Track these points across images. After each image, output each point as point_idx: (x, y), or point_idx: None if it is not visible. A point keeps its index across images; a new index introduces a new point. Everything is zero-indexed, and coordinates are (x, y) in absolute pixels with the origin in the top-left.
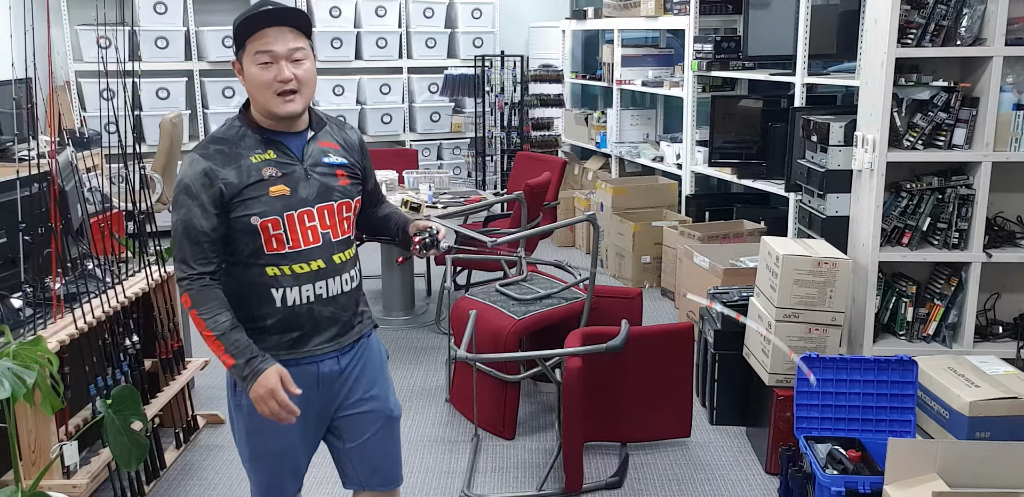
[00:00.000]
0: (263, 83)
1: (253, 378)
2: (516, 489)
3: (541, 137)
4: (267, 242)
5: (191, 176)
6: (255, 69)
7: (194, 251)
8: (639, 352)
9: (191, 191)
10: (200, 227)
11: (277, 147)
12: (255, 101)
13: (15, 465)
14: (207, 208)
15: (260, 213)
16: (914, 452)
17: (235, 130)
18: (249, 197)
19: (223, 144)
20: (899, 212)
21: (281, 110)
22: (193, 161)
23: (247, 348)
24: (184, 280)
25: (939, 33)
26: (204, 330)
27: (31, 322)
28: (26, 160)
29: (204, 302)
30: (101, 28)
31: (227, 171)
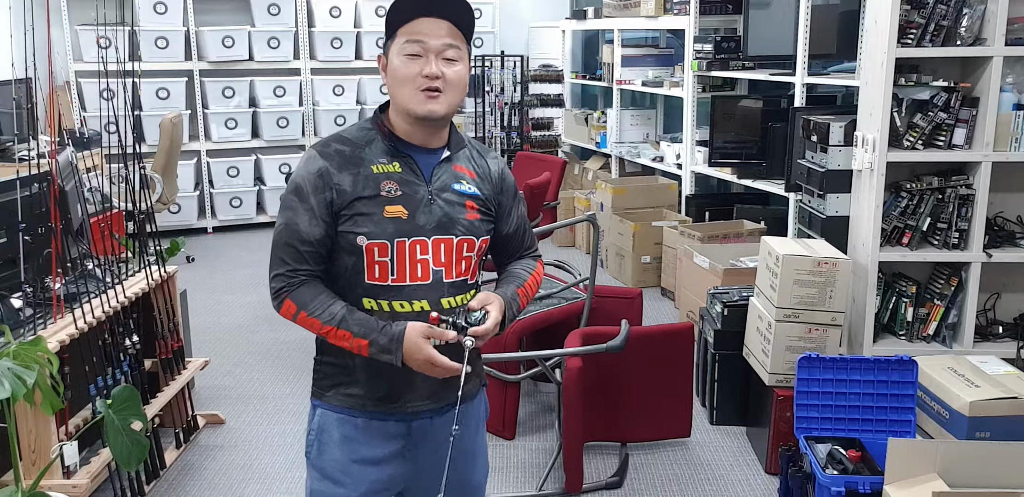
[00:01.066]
0: (406, 76)
1: (398, 348)
2: (516, 489)
3: (541, 137)
4: (369, 268)
5: (304, 175)
6: (400, 60)
7: (290, 254)
8: (639, 352)
9: (302, 192)
10: (305, 234)
11: (405, 161)
12: (394, 100)
13: (15, 465)
14: (316, 213)
15: (367, 233)
16: (914, 452)
17: (364, 132)
18: (359, 212)
19: (346, 145)
20: (899, 212)
21: (421, 108)
22: (309, 159)
23: (371, 320)
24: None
25: (939, 33)
26: (323, 328)
27: (31, 322)
28: (26, 160)
29: (311, 298)
30: (101, 28)
31: (343, 175)
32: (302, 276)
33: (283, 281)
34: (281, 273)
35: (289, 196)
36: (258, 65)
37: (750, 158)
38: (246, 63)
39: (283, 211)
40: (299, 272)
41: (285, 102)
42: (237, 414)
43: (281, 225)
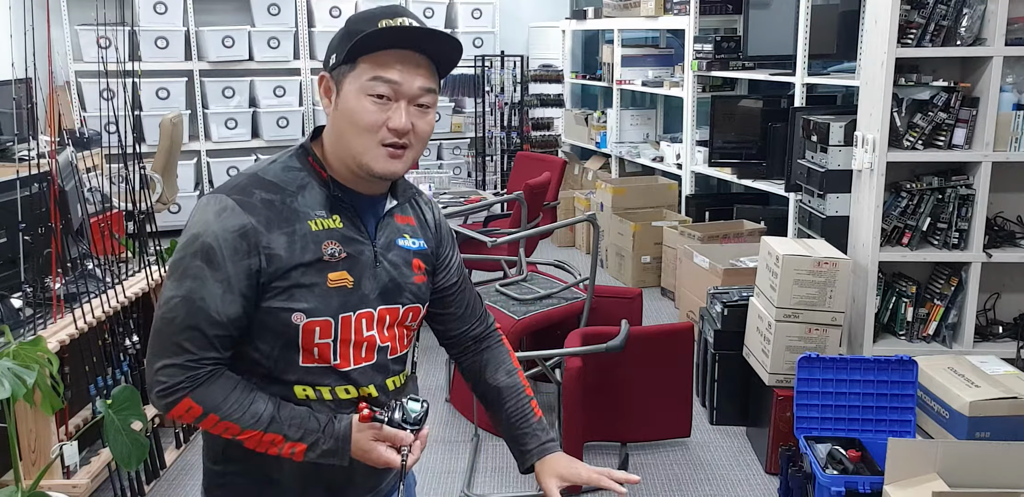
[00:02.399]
0: (368, 124)
1: (345, 449)
2: (516, 489)
3: (541, 137)
4: (306, 351)
5: (219, 233)
6: (364, 101)
7: (196, 340)
8: (639, 352)
9: (213, 257)
10: (216, 313)
11: (347, 213)
12: (342, 143)
13: (15, 465)
14: (232, 287)
15: (307, 310)
16: (914, 452)
17: (292, 174)
18: (298, 283)
19: (273, 192)
20: (899, 212)
21: (380, 167)
22: (224, 210)
23: (307, 417)
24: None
25: (939, 33)
26: (242, 433)
27: (31, 322)
28: (26, 160)
29: (223, 397)
30: (101, 28)
31: (274, 235)
32: (208, 366)
33: (180, 374)
34: (177, 364)
35: (192, 261)
36: (258, 65)
37: (750, 158)
38: (246, 63)
39: (181, 281)
40: (203, 362)
41: (285, 102)
42: None
43: (177, 299)
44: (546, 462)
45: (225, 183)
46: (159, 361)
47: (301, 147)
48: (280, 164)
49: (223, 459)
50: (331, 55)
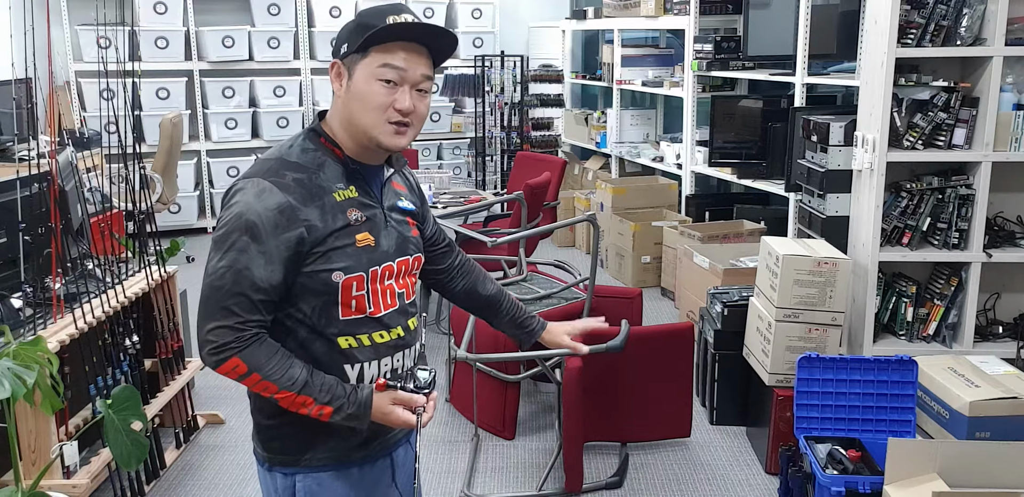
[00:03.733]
0: (378, 104)
1: (367, 413)
2: (516, 489)
3: (541, 137)
4: (345, 305)
5: (261, 211)
6: (374, 85)
7: (243, 304)
8: (639, 352)
9: (257, 232)
10: (260, 279)
11: (359, 183)
12: (353, 120)
13: (15, 465)
14: (273, 257)
15: (344, 268)
16: (914, 452)
17: (310, 155)
18: (333, 247)
19: (300, 172)
20: (899, 212)
21: (389, 141)
22: (264, 191)
23: (335, 385)
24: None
25: (939, 33)
26: (278, 393)
27: (31, 322)
28: (26, 160)
29: (266, 359)
30: (101, 28)
31: (310, 210)
32: (253, 329)
33: (229, 335)
34: (227, 326)
35: (236, 236)
36: (258, 65)
37: (750, 158)
38: (246, 63)
39: (226, 253)
40: (249, 324)
41: (285, 102)
42: (237, 414)
43: (223, 269)
44: (549, 330)
45: (256, 168)
46: (210, 323)
47: (312, 130)
48: (298, 147)
49: (274, 413)
50: (342, 45)
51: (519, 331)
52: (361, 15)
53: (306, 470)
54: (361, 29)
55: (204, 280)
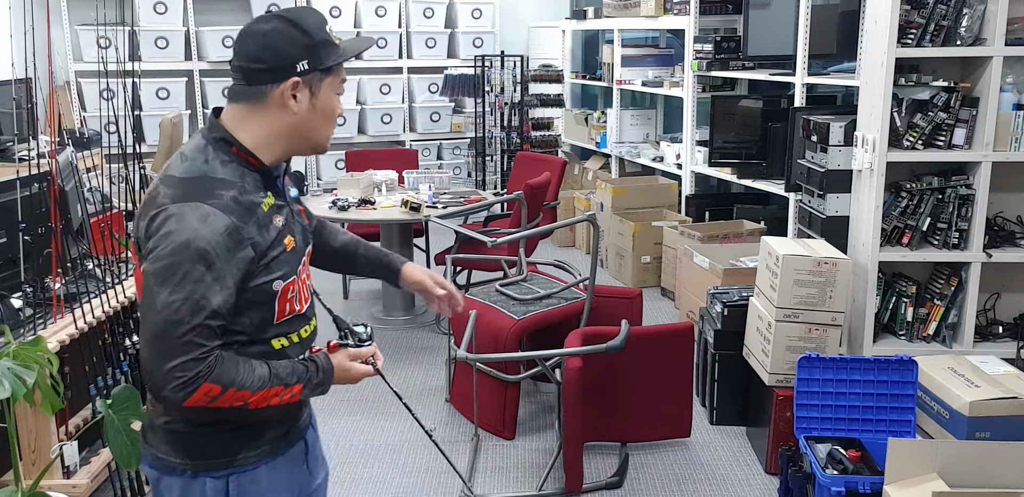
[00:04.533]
0: (334, 115)
1: (326, 379)
2: (516, 489)
3: (541, 137)
4: (280, 310)
5: (210, 237)
6: (334, 99)
7: (201, 334)
8: (639, 352)
9: (210, 259)
10: (218, 307)
11: (272, 186)
12: (309, 135)
13: (15, 465)
14: (227, 282)
15: (283, 275)
16: (914, 452)
17: (230, 167)
18: (272, 258)
19: (231, 188)
20: (899, 212)
21: (327, 145)
22: (208, 215)
23: (294, 365)
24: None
25: (939, 33)
26: (254, 394)
27: (31, 322)
28: (26, 160)
29: (234, 372)
30: (101, 28)
31: (250, 227)
32: (216, 352)
33: (197, 366)
34: (191, 359)
35: (188, 266)
36: None
37: (750, 158)
38: None
39: (179, 285)
40: (213, 350)
41: None
42: None
43: (178, 302)
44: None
45: (184, 189)
46: (172, 361)
47: (222, 140)
48: (216, 161)
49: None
50: (299, 62)
51: (385, 272)
52: (308, 32)
53: (240, 469)
54: (323, 47)
55: (154, 316)
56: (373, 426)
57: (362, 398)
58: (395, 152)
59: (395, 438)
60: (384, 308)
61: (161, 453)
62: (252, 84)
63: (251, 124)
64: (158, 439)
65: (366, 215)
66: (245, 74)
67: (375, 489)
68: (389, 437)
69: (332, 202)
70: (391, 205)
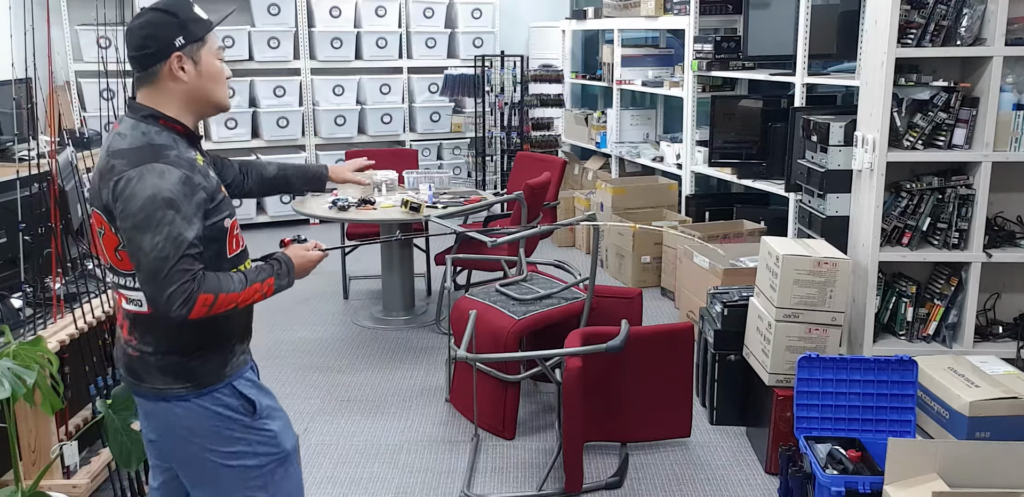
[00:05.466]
0: (225, 77)
1: (290, 269)
2: (516, 489)
3: (541, 137)
4: (230, 243)
5: (170, 187)
6: (217, 63)
7: (186, 262)
8: (639, 352)
9: (176, 203)
10: (192, 238)
11: (196, 145)
12: (207, 98)
13: (15, 465)
14: (191, 219)
15: (229, 214)
16: (914, 452)
17: (164, 135)
18: (219, 200)
19: (172, 150)
20: (899, 212)
21: (228, 103)
22: (163, 172)
23: (260, 266)
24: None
25: (939, 33)
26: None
27: (31, 322)
28: (26, 160)
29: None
30: (101, 28)
31: (197, 176)
32: (200, 272)
33: (188, 285)
34: (185, 280)
35: (160, 214)
36: (258, 65)
37: (750, 158)
38: (246, 63)
39: (157, 229)
40: (198, 272)
41: (285, 102)
42: None
43: (161, 242)
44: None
45: (135, 156)
46: (169, 288)
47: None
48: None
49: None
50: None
51: (314, 182)
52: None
53: (231, 378)
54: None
55: (145, 258)
56: (373, 426)
57: (362, 398)
58: (395, 152)
59: (395, 438)
60: (384, 308)
61: (162, 385)
62: (146, 68)
63: (160, 100)
64: (154, 376)
65: (366, 215)
66: (139, 61)
67: (375, 489)
68: (389, 437)
69: (332, 202)
70: (391, 205)
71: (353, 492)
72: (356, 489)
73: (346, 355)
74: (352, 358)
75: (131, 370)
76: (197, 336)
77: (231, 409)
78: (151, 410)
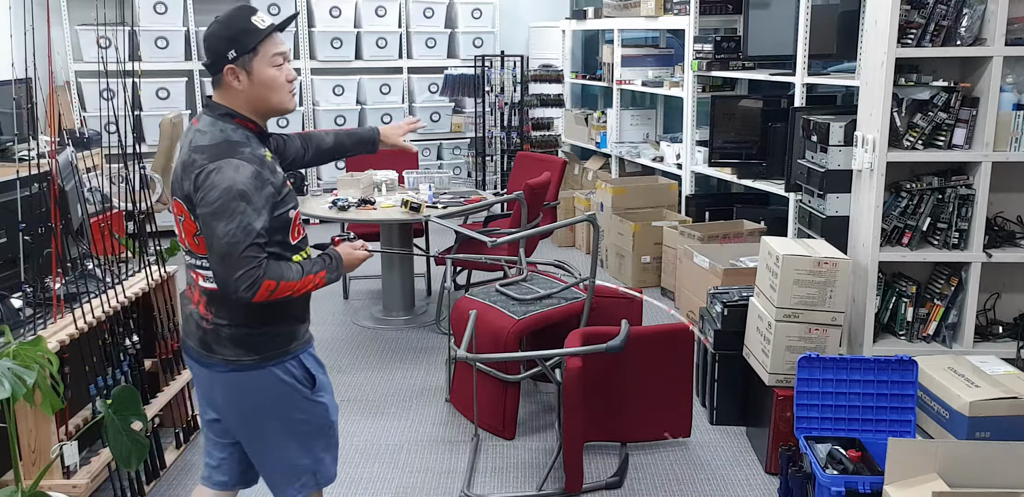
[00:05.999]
0: (280, 83)
1: (339, 264)
2: (516, 489)
3: (541, 137)
4: (293, 231)
5: (244, 180)
6: (271, 71)
7: (253, 250)
8: (639, 352)
9: (248, 196)
10: (260, 229)
11: (267, 143)
12: (262, 102)
13: (15, 465)
14: (261, 210)
15: (293, 206)
16: (914, 452)
17: (239, 133)
18: (284, 193)
19: (246, 146)
20: (899, 212)
21: (292, 106)
22: (239, 166)
23: (313, 259)
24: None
25: (939, 33)
26: (295, 286)
27: (31, 322)
28: (26, 160)
29: (279, 270)
30: (101, 28)
31: (266, 172)
32: (266, 260)
33: (255, 271)
34: (251, 266)
35: (234, 204)
36: None
37: (750, 158)
38: None
39: (231, 218)
40: (263, 259)
41: None
42: None
43: (233, 230)
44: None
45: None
46: (237, 272)
47: (226, 115)
48: (230, 129)
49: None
50: (227, 51)
51: (367, 146)
52: (229, 25)
53: (292, 355)
54: (243, 34)
55: (218, 243)
56: (373, 426)
57: (362, 398)
58: (395, 152)
59: (395, 438)
60: (384, 308)
61: (232, 356)
62: (213, 75)
63: (232, 101)
64: (226, 347)
65: (366, 215)
66: (207, 68)
67: (375, 489)
68: (389, 437)
69: (332, 202)
70: (391, 205)
71: (353, 492)
72: (356, 489)
73: (346, 355)
74: (352, 358)
75: (204, 343)
76: (265, 313)
77: (295, 380)
78: (221, 380)
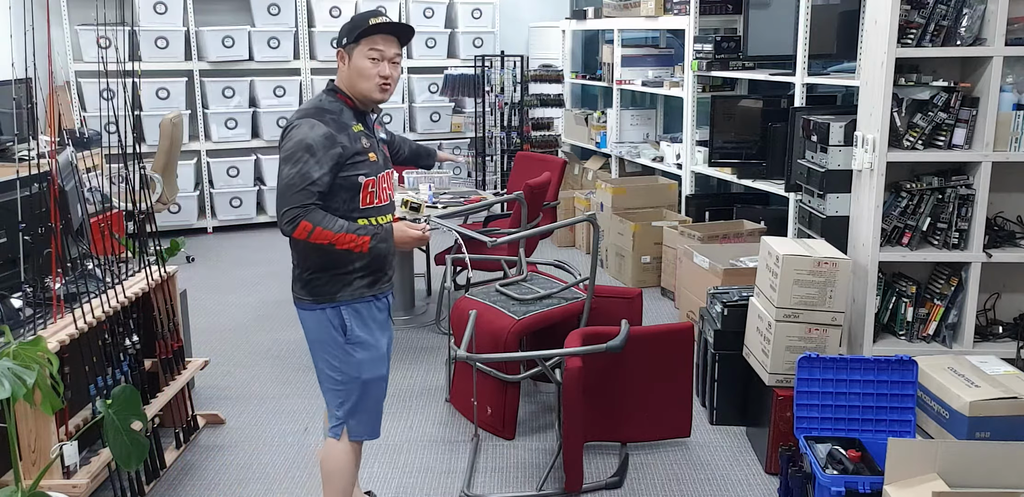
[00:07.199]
0: (369, 74)
1: (391, 236)
2: (516, 489)
3: (541, 137)
4: (364, 197)
5: (314, 137)
6: (365, 62)
7: (304, 194)
8: (639, 352)
9: (313, 149)
10: (316, 178)
11: (363, 121)
12: (353, 85)
13: (15, 465)
14: (323, 164)
15: (365, 173)
16: (914, 452)
17: (335, 105)
18: (358, 160)
19: (331, 114)
20: (899, 212)
21: (378, 97)
22: (314, 125)
23: (365, 226)
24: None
25: (939, 33)
26: (332, 237)
27: (31, 322)
28: (26, 160)
29: (321, 217)
30: (101, 28)
31: (341, 136)
32: (311, 206)
33: (297, 211)
34: (296, 206)
35: (300, 154)
36: (258, 65)
37: (750, 158)
38: (246, 63)
39: (294, 164)
40: (308, 204)
41: (285, 102)
42: (237, 414)
43: (291, 174)
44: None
45: (303, 112)
46: (286, 206)
47: (331, 90)
48: (326, 100)
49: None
50: (342, 38)
51: (430, 159)
52: (354, 18)
53: (344, 303)
54: (355, 27)
55: (280, 182)
56: None
57: None
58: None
59: (395, 438)
60: None
61: (299, 295)
62: None
63: (338, 80)
64: (296, 286)
65: None
66: None
67: (375, 489)
68: (389, 437)
69: None
70: None
71: None
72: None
73: None
74: None
75: (292, 282)
76: (318, 260)
77: (333, 326)
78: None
